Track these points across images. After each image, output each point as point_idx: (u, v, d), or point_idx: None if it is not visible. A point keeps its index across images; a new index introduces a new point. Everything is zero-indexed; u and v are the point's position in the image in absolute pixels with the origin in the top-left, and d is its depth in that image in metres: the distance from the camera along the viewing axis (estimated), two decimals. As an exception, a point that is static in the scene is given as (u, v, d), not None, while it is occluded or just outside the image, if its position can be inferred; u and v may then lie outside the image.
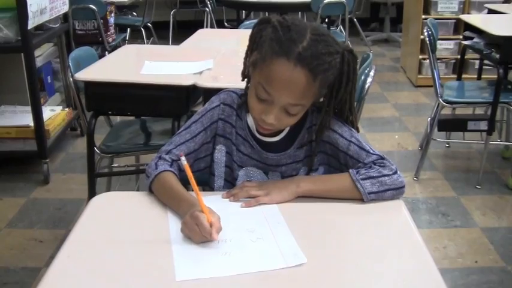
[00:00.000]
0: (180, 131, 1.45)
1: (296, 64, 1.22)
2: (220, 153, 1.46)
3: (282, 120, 1.31)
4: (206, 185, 1.51)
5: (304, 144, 1.43)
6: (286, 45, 1.23)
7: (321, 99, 1.37)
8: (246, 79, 1.41)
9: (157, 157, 1.41)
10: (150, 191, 1.37)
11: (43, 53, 3.76)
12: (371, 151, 1.38)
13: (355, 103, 1.46)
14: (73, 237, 1.19)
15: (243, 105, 1.43)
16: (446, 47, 4.89)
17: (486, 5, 4.16)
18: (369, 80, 2.01)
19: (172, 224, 1.23)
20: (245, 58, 1.38)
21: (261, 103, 1.30)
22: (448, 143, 3.74)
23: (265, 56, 1.26)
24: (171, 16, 6.64)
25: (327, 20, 5.26)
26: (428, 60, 3.26)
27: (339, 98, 1.36)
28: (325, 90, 1.34)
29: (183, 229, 1.18)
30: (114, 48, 4.52)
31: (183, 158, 1.22)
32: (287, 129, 1.42)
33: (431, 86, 3.31)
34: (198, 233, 1.14)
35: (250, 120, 1.43)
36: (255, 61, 1.30)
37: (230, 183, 1.47)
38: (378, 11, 7.24)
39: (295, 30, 1.25)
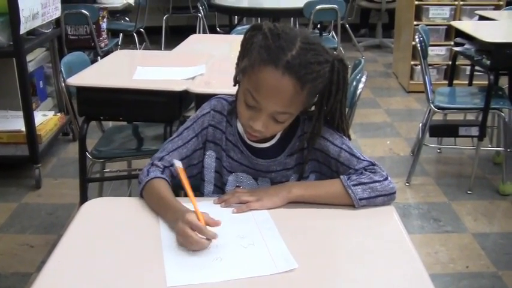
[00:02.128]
0: (172, 137, 1.46)
1: (284, 72, 1.23)
2: (210, 159, 1.46)
3: (270, 127, 1.32)
4: (197, 190, 1.51)
5: (295, 152, 1.43)
6: (274, 53, 1.24)
7: (312, 108, 1.38)
8: (237, 85, 1.41)
9: (150, 164, 1.41)
10: (142, 197, 1.37)
11: (35, 58, 3.76)
12: (362, 157, 1.38)
13: (347, 110, 1.46)
14: (64, 242, 1.19)
15: (233, 112, 1.43)
16: (437, 53, 4.92)
17: (477, 12, 4.18)
18: (361, 85, 2.02)
19: (164, 229, 1.23)
20: (237, 64, 1.39)
21: (249, 110, 1.30)
22: (439, 149, 3.75)
23: (254, 63, 1.26)
24: (164, 21, 6.64)
25: (319, 25, 5.27)
26: (420, 66, 3.27)
27: (329, 107, 1.36)
28: (314, 99, 1.35)
29: (178, 238, 1.17)
30: (106, 53, 4.51)
31: (178, 162, 1.22)
32: (278, 136, 1.42)
33: (423, 92, 3.32)
34: (194, 238, 1.13)
35: (240, 127, 1.43)
36: (244, 68, 1.31)
37: (220, 188, 1.48)
38: (367, 17, 7.26)
39: (284, 39, 1.25)
